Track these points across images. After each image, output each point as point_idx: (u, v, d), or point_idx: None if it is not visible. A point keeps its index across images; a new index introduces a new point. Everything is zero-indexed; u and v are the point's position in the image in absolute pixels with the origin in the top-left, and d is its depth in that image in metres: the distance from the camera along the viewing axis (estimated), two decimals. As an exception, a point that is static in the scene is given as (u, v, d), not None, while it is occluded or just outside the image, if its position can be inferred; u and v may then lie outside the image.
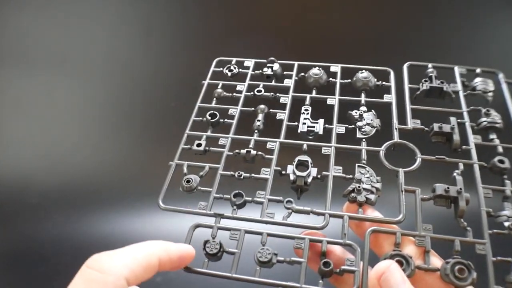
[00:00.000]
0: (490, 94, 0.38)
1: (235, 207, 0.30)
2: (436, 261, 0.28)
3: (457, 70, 0.40)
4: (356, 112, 0.36)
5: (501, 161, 0.32)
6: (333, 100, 0.37)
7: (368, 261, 0.27)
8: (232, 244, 0.29)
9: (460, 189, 0.30)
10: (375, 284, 0.24)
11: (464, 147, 0.33)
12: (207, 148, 0.34)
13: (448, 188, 0.30)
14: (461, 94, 0.38)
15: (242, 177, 0.32)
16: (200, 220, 0.30)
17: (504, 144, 0.34)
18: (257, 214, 0.30)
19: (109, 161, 0.65)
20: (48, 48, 0.64)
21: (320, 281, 0.26)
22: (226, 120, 0.36)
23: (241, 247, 0.28)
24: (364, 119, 0.35)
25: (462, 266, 0.26)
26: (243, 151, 0.33)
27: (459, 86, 0.38)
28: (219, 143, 0.34)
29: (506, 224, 0.29)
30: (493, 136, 0.35)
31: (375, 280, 0.24)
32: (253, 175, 0.32)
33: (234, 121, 0.36)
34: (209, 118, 0.36)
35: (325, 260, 0.27)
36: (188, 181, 0.31)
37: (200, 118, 0.36)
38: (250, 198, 0.31)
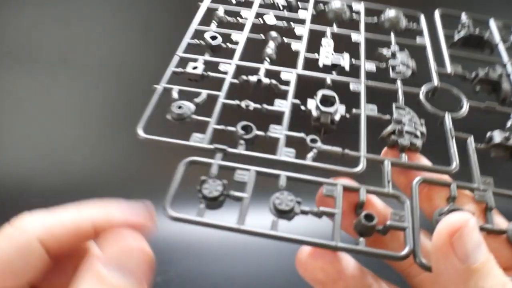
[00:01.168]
0: (532, 49, 0.33)
1: (242, 142, 0.23)
2: (501, 221, 0.22)
3: (493, 22, 0.35)
4: (388, 50, 0.30)
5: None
6: (359, 37, 0.31)
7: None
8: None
9: (524, 138, 0.24)
10: (445, 242, 0.17)
11: (513, 99, 0.28)
12: (205, 73, 0.26)
13: (509, 135, 0.24)
14: (501, 46, 0.33)
15: (251, 108, 0.24)
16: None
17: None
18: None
19: (109, 161, 0.63)
20: (48, 48, 0.62)
21: (361, 238, 0.20)
22: (229, 45, 0.29)
23: (251, 192, 0.21)
24: (397, 58, 0.29)
25: (536, 228, 0.21)
26: (253, 78, 0.26)
27: (497, 38, 0.33)
28: (221, 69, 0.27)
29: None
30: (540, 92, 0.30)
31: (446, 237, 0.17)
32: (265, 106, 0.24)
33: (240, 47, 0.28)
34: (209, 40, 0.28)
35: (367, 212, 0.20)
36: (179, 107, 0.24)
37: (197, 41, 0.29)
38: (262, 133, 0.23)
